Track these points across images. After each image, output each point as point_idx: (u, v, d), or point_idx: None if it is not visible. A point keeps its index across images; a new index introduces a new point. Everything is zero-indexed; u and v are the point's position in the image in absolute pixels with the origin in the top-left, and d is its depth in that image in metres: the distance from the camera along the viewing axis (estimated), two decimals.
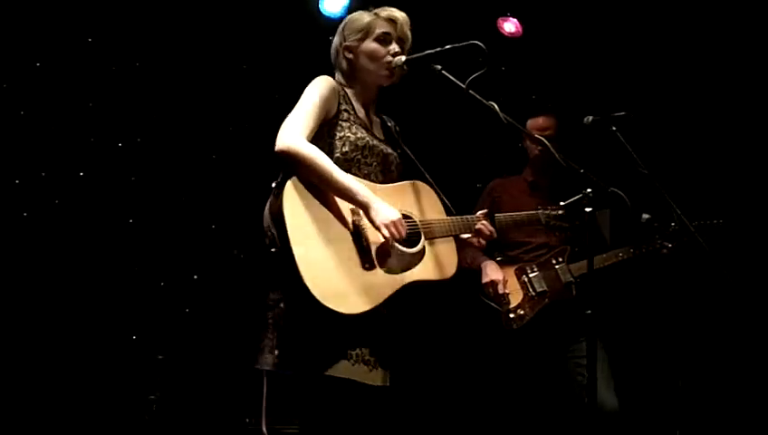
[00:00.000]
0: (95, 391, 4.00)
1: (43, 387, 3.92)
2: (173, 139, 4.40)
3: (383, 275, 2.36)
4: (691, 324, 4.28)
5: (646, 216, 2.89)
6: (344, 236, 2.34)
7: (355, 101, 2.58)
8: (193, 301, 4.38)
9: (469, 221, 2.60)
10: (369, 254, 2.36)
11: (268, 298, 2.35)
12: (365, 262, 2.34)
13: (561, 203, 2.64)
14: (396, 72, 2.56)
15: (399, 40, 2.58)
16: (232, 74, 4.52)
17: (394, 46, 2.56)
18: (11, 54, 4.10)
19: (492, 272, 3.60)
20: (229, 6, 4.43)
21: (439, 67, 2.50)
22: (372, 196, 2.34)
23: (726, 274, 2.68)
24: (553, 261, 3.64)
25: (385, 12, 2.60)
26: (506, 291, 3.56)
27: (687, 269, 3.90)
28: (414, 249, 2.44)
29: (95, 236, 4.20)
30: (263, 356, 2.32)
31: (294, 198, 2.28)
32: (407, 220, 2.42)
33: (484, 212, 2.66)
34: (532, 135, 3.25)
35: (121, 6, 4.26)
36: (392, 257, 2.39)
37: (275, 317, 2.32)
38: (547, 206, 2.86)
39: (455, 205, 2.63)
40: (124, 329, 4.19)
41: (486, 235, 2.61)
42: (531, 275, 3.62)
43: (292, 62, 4.31)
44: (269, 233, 2.30)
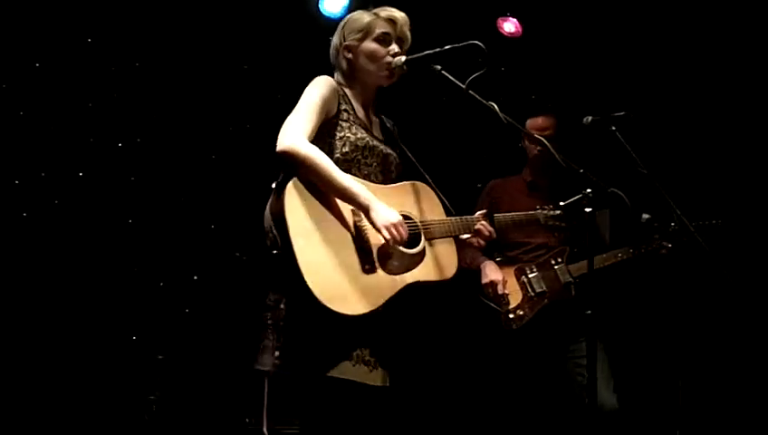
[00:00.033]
0: (95, 390, 4.00)
1: (43, 387, 3.92)
2: (173, 139, 4.40)
3: (384, 277, 2.36)
4: (691, 324, 4.27)
5: (645, 216, 2.89)
6: (345, 238, 2.33)
7: (355, 102, 2.58)
8: (193, 301, 4.37)
9: (469, 222, 2.60)
10: (369, 255, 2.35)
11: (268, 299, 2.35)
12: (366, 263, 2.34)
13: (560, 203, 2.64)
14: (395, 73, 2.55)
15: (399, 40, 2.58)
16: (232, 74, 4.51)
17: (394, 46, 2.56)
18: (11, 54, 4.09)
19: (491, 272, 3.60)
20: (229, 7, 4.42)
21: (439, 67, 2.50)
22: (373, 197, 2.33)
23: (726, 274, 2.69)
24: (552, 261, 3.64)
25: (385, 12, 2.59)
26: (506, 291, 3.57)
27: (687, 269, 3.90)
28: (414, 250, 2.44)
29: (95, 237, 4.20)
30: (263, 357, 2.32)
31: (296, 199, 2.28)
32: (406, 221, 2.41)
33: (484, 212, 2.65)
34: (532, 135, 3.25)
35: (121, 6, 4.26)
36: (393, 259, 2.39)
37: (276, 318, 2.32)
38: (546, 206, 2.86)
39: (454, 205, 2.62)
40: (124, 329, 4.19)
41: (486, 235, 2.61)
42: (530, 276, 3.62)
43: (293, 62, 4.30)
44: (270, 234, 2.29)
